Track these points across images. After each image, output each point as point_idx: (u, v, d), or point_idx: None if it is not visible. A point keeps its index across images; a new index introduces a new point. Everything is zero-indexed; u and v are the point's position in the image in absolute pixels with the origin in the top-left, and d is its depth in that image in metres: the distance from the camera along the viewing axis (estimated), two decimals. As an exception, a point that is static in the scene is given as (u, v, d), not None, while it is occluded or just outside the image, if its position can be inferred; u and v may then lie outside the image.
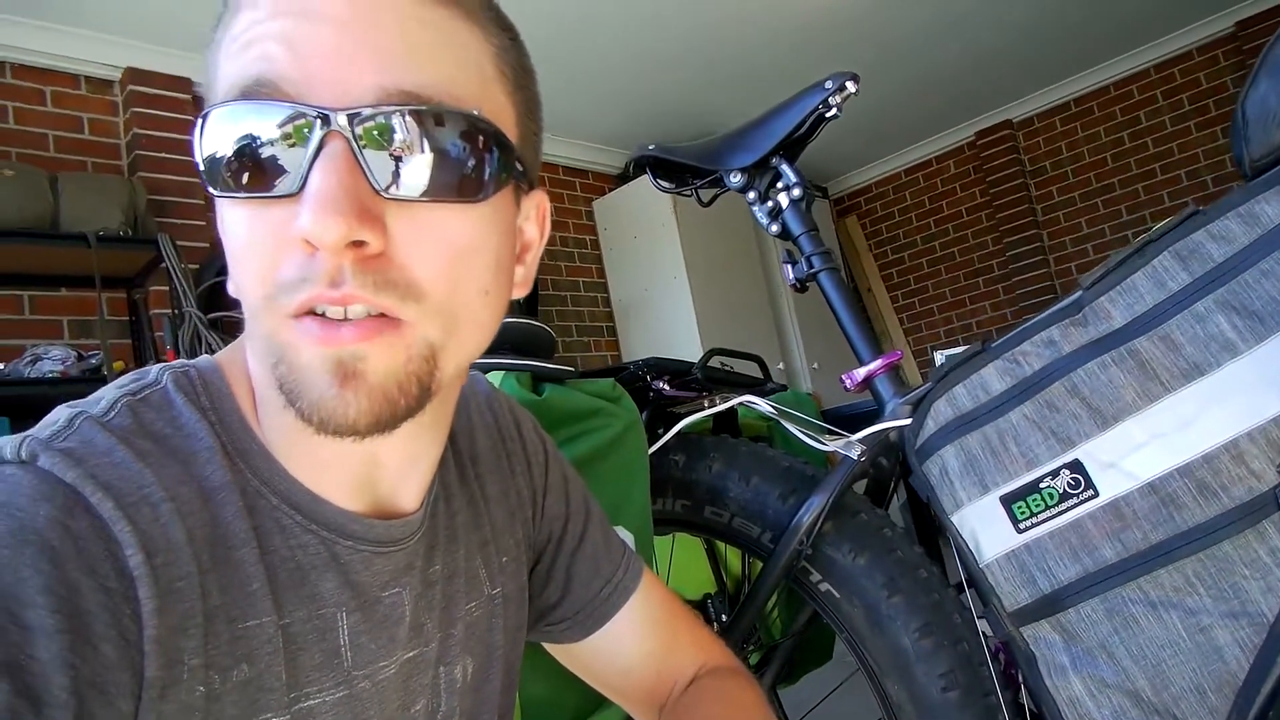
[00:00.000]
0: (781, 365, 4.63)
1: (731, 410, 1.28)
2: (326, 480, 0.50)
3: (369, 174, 0.41)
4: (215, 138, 0.42)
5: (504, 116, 0.47)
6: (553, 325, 4.29)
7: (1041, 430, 0.89)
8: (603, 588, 0.72)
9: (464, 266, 0.45)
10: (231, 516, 0.46)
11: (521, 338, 0.98)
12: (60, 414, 0.45)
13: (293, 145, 0.41)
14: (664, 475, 1.10)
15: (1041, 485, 0.88)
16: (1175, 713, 0.79)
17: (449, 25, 0.45)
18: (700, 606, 1.28)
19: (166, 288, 2.68)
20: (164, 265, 2.62)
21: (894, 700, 0.95)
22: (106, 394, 0.47)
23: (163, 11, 2.89)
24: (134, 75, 3.03)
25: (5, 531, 0.37)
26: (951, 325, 5.62)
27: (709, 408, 1.11)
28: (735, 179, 1.15)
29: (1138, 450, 0.84)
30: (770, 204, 1.13)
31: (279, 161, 0.41)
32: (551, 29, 3.41)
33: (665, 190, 1.24)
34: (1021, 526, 0.88)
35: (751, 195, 1.14)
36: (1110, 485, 0.84)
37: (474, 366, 0.66)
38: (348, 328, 0.42)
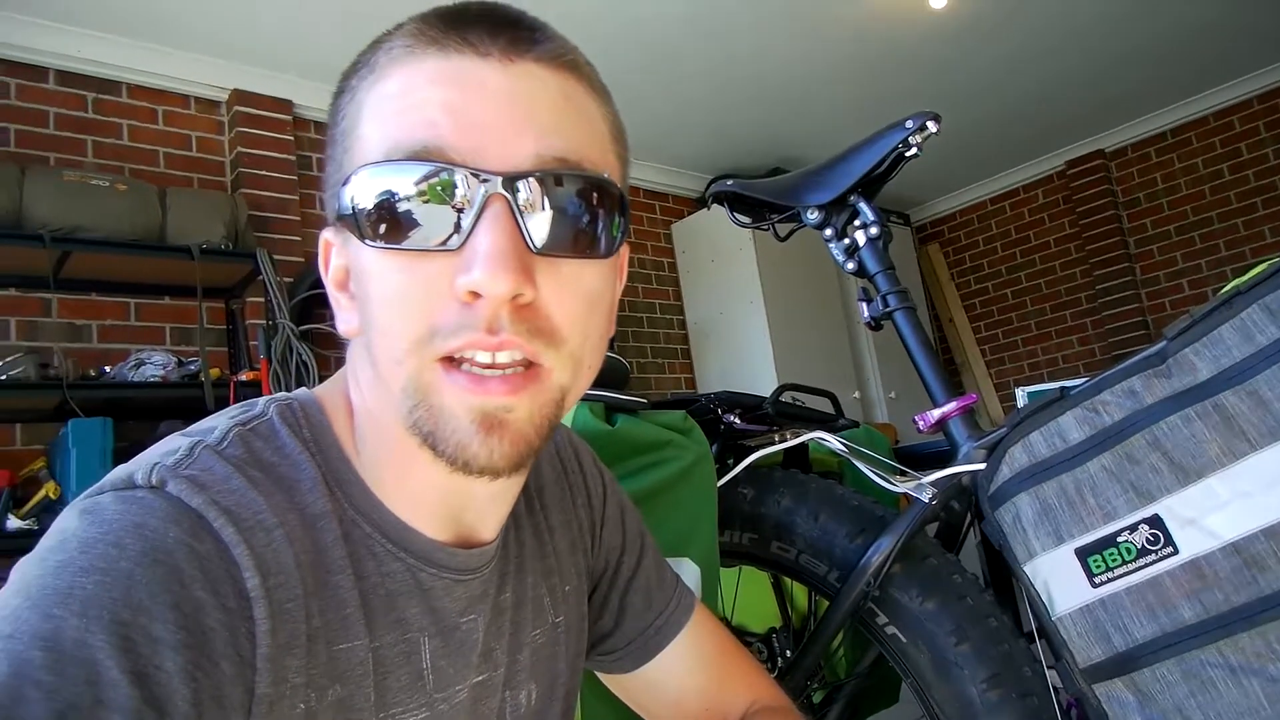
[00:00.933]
0: (857, 394, 4.58)
1: (802, 446, 1.28)
2: (418, 511, 0.53)
3: (525, 233, 0.45)
4: (374, 193, 0.45)
5: (616, 176, 0.52)
6: (628, 347, 4.33)
7: (1120, 482, 0.87)
8: (654, 620, 0.74)
9: (593, 315, 0.50)
10: (330, 543, 0.49)
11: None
12: (180, 442, 0.48)
13: (454, 206, 0.45)
14: (732, 508, 1.11)
15: (1119, 539, 0.86)
16: (1254, 784, 0.77)
17: (583, 99, 0.50)
18: (765, 641, 1.28)
19: (262, 299, 2.81)
20: (261, 278, 2.75)
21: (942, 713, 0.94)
22: (219, 424, 0.51)
23: (269, 37, 3.05)
24: (240, 96, 3.19)
25: (139, 551, 0.41)
26: (1036, 359, 5.47)
27: (780, 442, 1.12)
28: (812, 216, 1.16)
29: (1221, 509, 0.81)
30: (847, 241, 1.13)
31: (440, 220, 0.45)
32: (639, 56, 3.47)
33: (742, 225, 1.25)
34: (1097, 581, 0.86)
35: (828, 232, 1.15)
36: (1191, 543, 0.82)
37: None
38: (495, 381, 0.45)
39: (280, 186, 3.22)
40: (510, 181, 0.45)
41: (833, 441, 1.09)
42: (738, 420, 1.12)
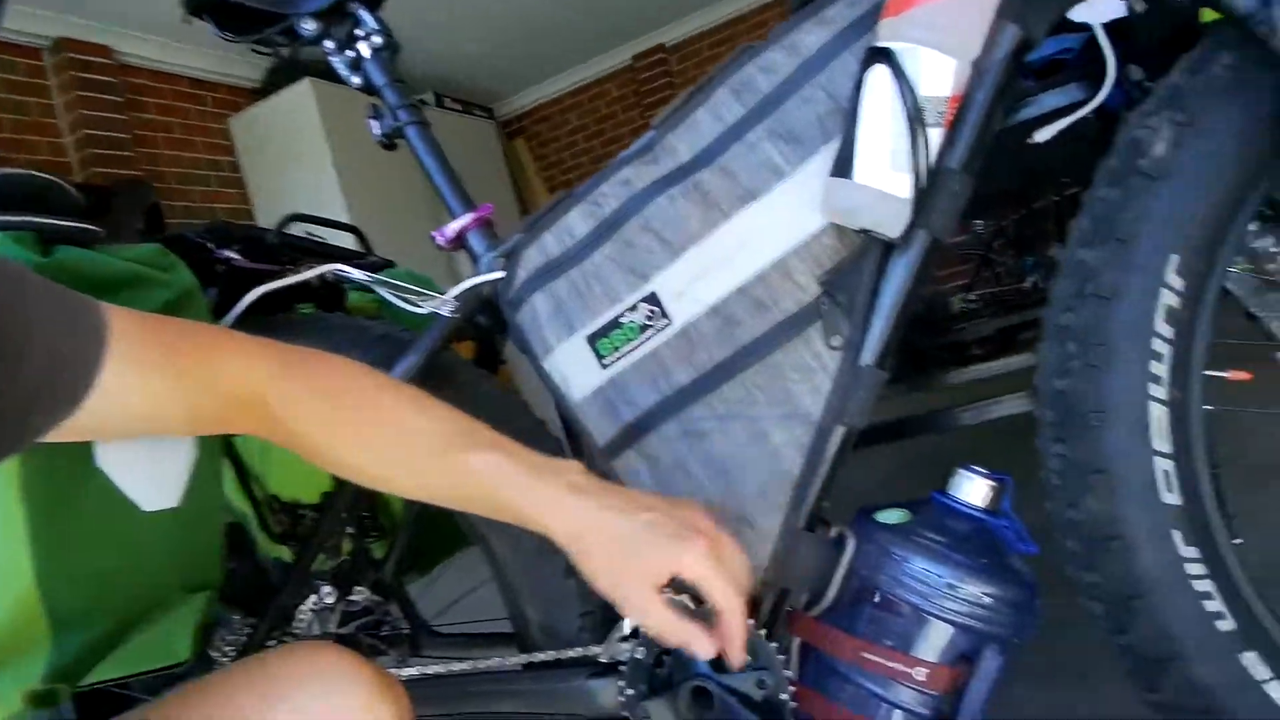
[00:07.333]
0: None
1: (337, 293, 1.18)
2: None
3: None
4: None
5: None
6: (192, 257, 3.84)
7: (621, 268, 0.90)
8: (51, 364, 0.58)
9: None
10: None
11: (21, 192, 0.81)
12: None
13: None
14: (245, 357, 0.98)
15: (623, 320, 0.89)
16: (744, 515, 0.85)
17: None
18: (320, 509, 1.19)
19: None
20: None
21: (500, 559, 0.95)
22: None
23: None
24: None
25: None
26: (622, 244, 5.81)
27: (290, 276, 1.00)
28: (308, 26, 1.03)
29: (703, 276, 0.87)
30: (351, 54, 1.03)
31: None
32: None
33: (231, 40, 1.09)
34: (605, 362, 0.89)
35: (329, 45, 1.04)
36: (682, 312, 0.87)
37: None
38: None
39: None
40: None
41: (353, 273, 1.00)
42: (237, 257, 0.99)
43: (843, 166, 0.80)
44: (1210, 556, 0.75)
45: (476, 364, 1.07)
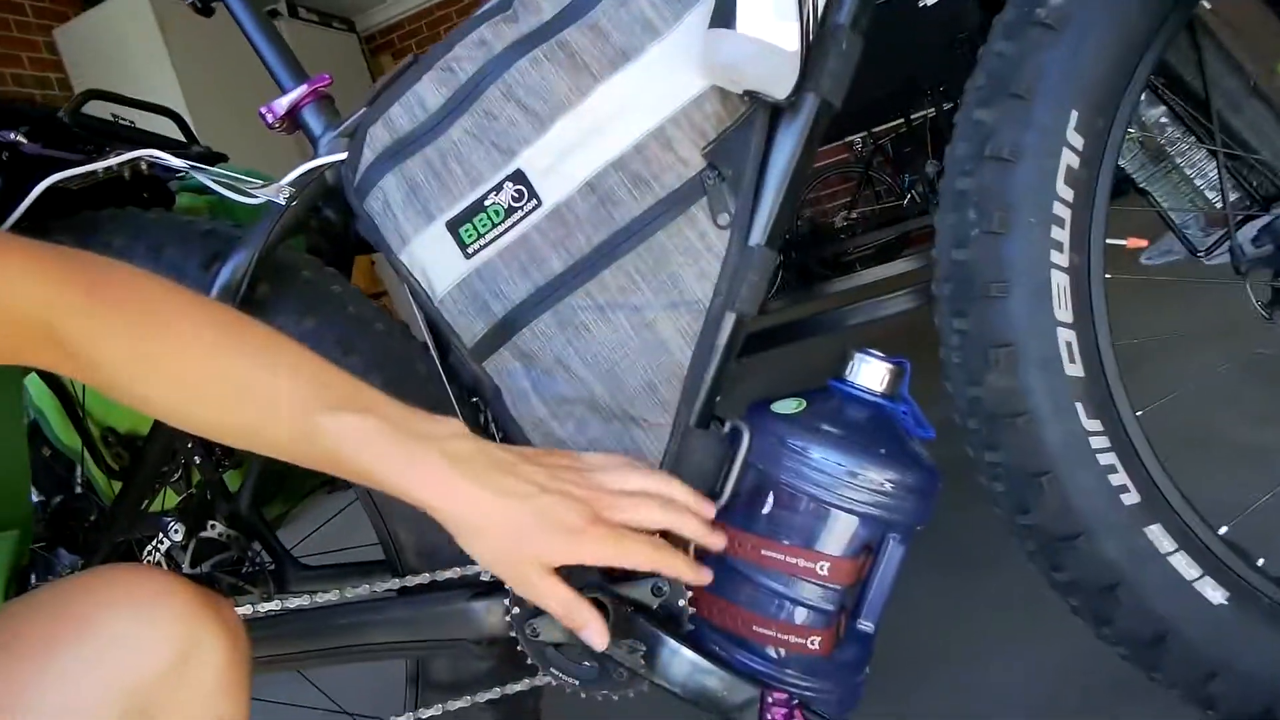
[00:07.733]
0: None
1: (163, 193, 1.03)
2: None
3: None
4: None
5: None
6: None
7: (482, 143, 0.79)
8: None
9: None
10: None
11: None
12: None
13: None
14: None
15: (486, 203, 0.79)
16: (632, 413, 0.77)
17: None
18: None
19: None
20: None
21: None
22: None
23: None
24: None
25: None
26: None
27: (92, 163, 0.85)
28: None
29: (574, 150, 0.77)
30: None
31: None
32: None
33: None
34: (470, 250, 0.79)
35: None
36: (552, 191, 0.78)
37: None
38: None
39: None
40: None
41: (168, 158, 0.86)
42: (25, 141, 0.83)
43: (724, 16, 0.71)
44: (1113, 429, 0.72)
45: (330, 264, 0.95)
